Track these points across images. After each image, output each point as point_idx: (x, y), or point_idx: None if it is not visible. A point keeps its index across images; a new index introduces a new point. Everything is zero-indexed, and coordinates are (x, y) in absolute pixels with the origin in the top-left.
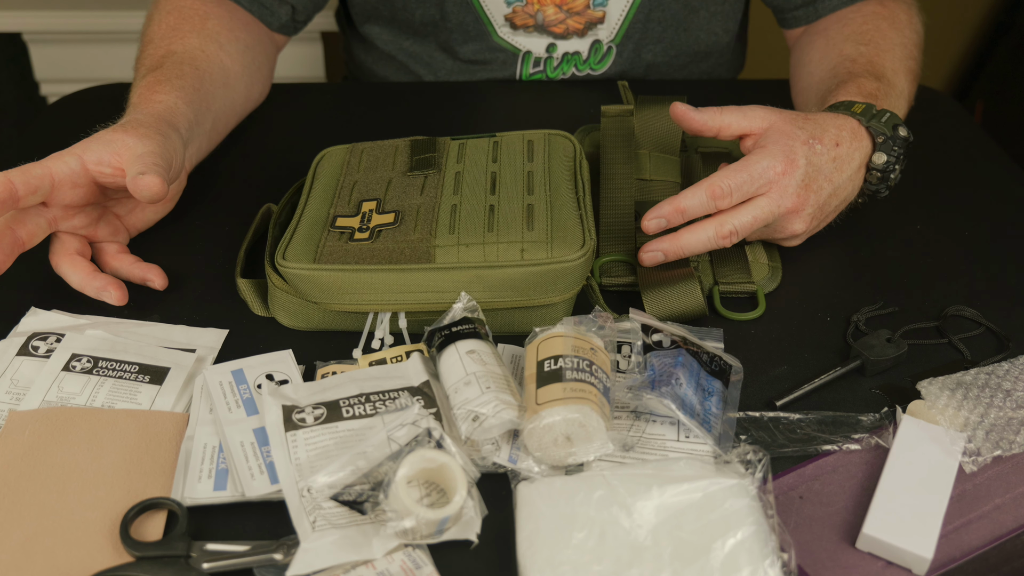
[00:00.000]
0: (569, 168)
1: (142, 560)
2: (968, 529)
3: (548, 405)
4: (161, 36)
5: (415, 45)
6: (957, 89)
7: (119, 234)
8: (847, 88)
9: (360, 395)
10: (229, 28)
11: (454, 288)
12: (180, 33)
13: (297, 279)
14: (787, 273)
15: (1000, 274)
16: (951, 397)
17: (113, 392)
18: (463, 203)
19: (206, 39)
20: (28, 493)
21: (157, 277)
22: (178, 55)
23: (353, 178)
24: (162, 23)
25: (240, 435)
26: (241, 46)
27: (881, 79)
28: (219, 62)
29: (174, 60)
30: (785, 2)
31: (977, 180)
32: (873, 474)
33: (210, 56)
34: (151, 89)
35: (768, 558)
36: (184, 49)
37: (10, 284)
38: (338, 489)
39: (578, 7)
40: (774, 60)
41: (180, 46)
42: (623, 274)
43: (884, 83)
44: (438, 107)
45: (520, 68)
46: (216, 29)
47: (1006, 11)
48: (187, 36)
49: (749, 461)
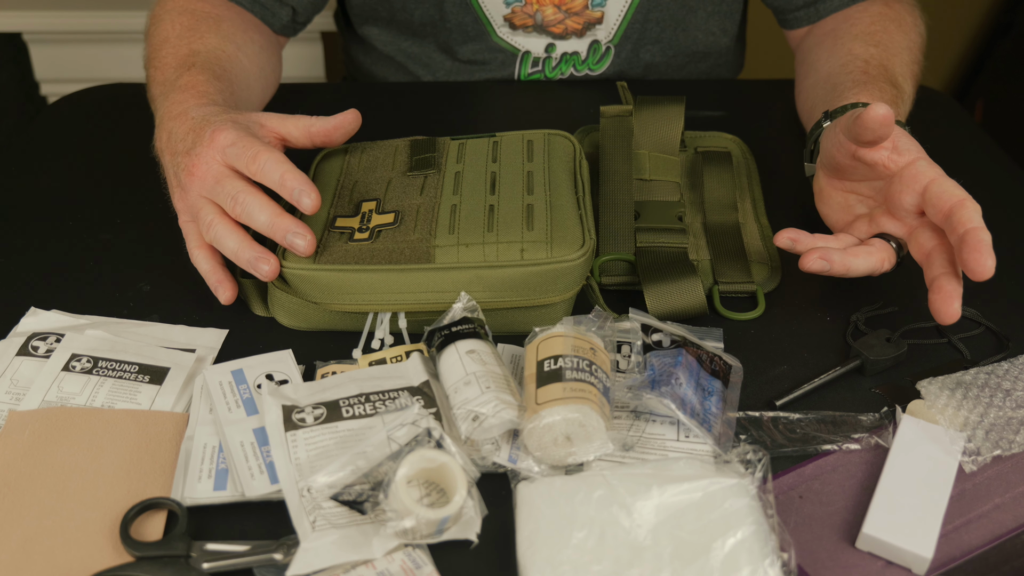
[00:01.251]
0: (569, 168)
1: (142, 560)
2: (968, 529)
3: (548, 405)
4: (178, 35)
5: (413, 46)
6: (957, 89)
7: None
8: (868, 91)
9: (360, 395)
10: (243, 29)
11: (454, 288)
12: (198, 34)
13: (297, 279)
14: (787, 273)
15: (1000, 274)
16: (951, 397)
17: (113, 392)
18: (463, 203)
19: (224, 40)
20: (28, 493)
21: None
22: (203, 54)
23: (353, 178)
24: (175, 23)
25: (240, 435)
26: (256, 47)
27: (896, 85)
28: (239, 62)
29: (202, 59)
30: (786, 3)
31: (977, 180)
32: (873, 474)
33: (231, 56)
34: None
35: (768, 558)
36: (206, 48)
37: (10, 284)
38: (338, 489)
39: (577, 7)
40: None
41: (201, 45)
42: (623, 273)
43: (898, 89)
44: (438, 107)
45: (519, 68)
46: (231, 31)
47: (1006, 11)
48: (206, 36)
49: (749, 461)
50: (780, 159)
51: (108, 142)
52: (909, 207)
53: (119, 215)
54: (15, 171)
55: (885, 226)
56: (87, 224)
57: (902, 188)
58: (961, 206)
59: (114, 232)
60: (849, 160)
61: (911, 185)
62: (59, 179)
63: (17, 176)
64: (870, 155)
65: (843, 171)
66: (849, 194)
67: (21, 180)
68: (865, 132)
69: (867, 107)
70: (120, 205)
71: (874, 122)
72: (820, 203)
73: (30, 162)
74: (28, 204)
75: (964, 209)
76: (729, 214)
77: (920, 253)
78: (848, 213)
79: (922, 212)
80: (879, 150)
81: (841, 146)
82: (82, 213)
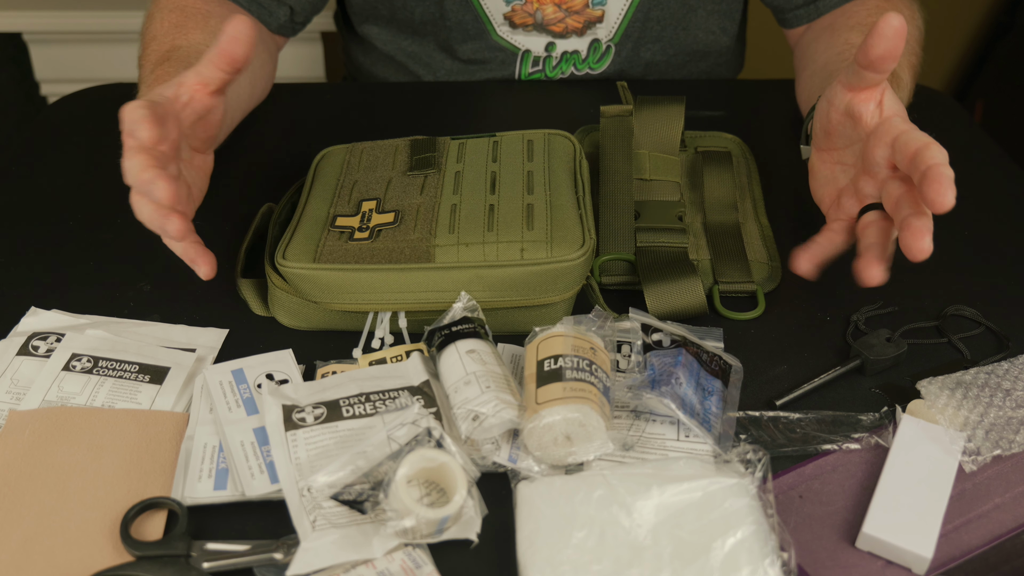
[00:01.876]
0: (569, 168)
1: (142, 560)
2: (968, 528)
3: (548, 404)
4: (164, 33)
5: (413, 45)
6: (957, 89)
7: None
8: None
9: (360, 395)
10: None
11: (454, 288)
12: (184, 30)
13: (297, 279)
14: (787, 273)
15: (1000, 274)
16: (951, 396)
17: (113, 392)
18: (463, 203)
19: (210, 35)
20: (28, 493)
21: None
22: (184, 49)
23: (353, 178)
24: (164, 21)
25: (240, 435)
26: None
27: (892, 73)
28: None
29: (180, 54)
30: (785, 1)
31: (977, 180)
32: (873, 473)
33: None
34: (161, 80)
35: (768, 557)
36: (189, 44)
37: (10, 284)
38: (338, 488)
39: (577, 6)
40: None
41: (185, 41)
42: (623, 273)
43: (895, 76)
44: (438, 107)
45: (519, 67)
46: (219, 26)
47: (1006, 11)
48: (191, 32)
49: (749, 460)
50: (780, 159)
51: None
52: (882, 160)
53: (119, 215)
54: (15, 171)
55: (864, 188)
56: (87, 224)
57: (876, 142)
58: (926, 147)
59: (114, 232)
60: (840, 116)
61: (883, 138)
62: (59, 179)
63: (17, 176)
64: (859, 106)
65: (832, 135)
66: (835, 165)
67: (21, 180)
68: (876, 45)
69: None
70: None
71: (889, 28)
72: (812, 181)
73: (30, 162)
74: (28, 204)
75: (928, 149)
76: (729, 214)
77: (890, 202)
78: (833, 186)
79: (895, 167)
80: (868, 101)
81: (835, 101)
82: (82, 213)
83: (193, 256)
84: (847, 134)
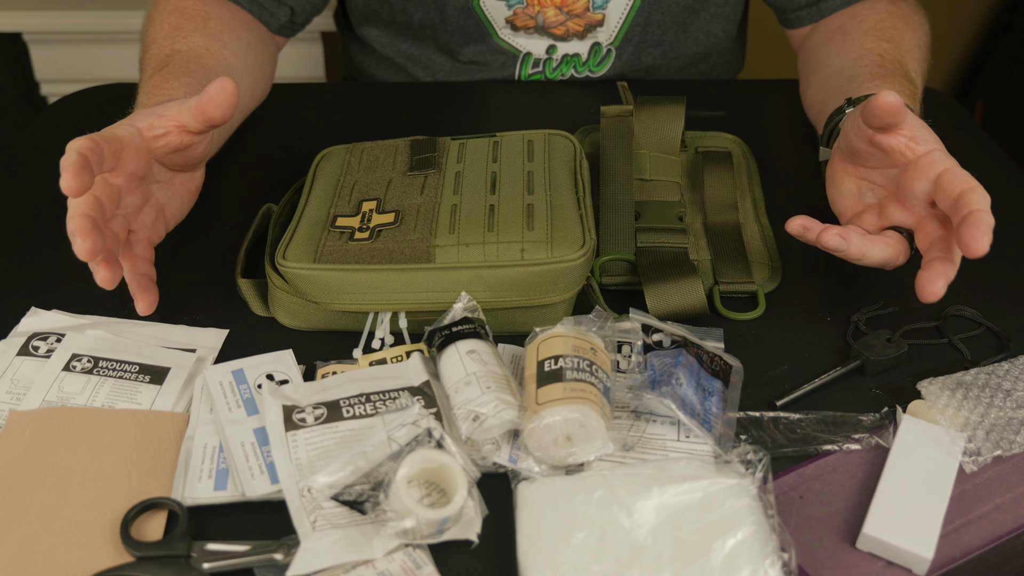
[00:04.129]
0: (569, 168)
1: (142, 560)
2: (968, 529)
3: (548, 405)
4: (164, 36)
5: (413, 47)
6: (957, 89)
7: (158, 226)
8: (888, 84)
9: (360, 395)
10: (231, 27)
11: (454, 288)
12: (183, 33)
13: (297, 279)
14: (787, 273)
15: (1000, 274)
16: (951, 397)
17: (113, 392)
18: (463, 203)
19: (209, 38)
20: (28, 493)
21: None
22: (183, 53)
23: (353, 178)
24: (164, 23)
25: (240, 435)
26: (244, 44)
27: (911, 81)
28: (223, 60)
29: (179, 58)
30: (788, 2)
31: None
32: (873, 474)
33: (214, 54)
34: (159, 87)
35: (768, 558)
36: (188, 48)
37: (10, 284)
38: (338, 489)
39: (578, 9)
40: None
41: (184, 45)
42: (623, 273)
43: (913, 85)
44: (438, 107)
45: (519, 69)
46: (218, 28)
47: (1006, 11)
48: (190, 35)
49: (749, 461)
50: (780, 159)
51: None
52: (920, 195)
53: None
54: (15, 171)
55: (894, 215)
56: None
57: (916, 175)
58: (971, 191)
59: None
60: (866, 145)
61: (925, 172)
62: (59, 179)
63: (17, 176)
64: (887, 141)
65: (859, 156)
66: (862, 181)
67: (21, 180)
68: (873, 118)
69: (876, 94)
70: None
71: (881, 109)
72: (831, 188)
73: (30, 162)
74: (28, 204)
75: (973, 194)
76: (729, 214)
77: (924, 242)
78: (858, 201)
79: (933, 203)
80: (896, 136)
81: (859, 130)
82: None
83: (136, 289)
84: (877, 158)
